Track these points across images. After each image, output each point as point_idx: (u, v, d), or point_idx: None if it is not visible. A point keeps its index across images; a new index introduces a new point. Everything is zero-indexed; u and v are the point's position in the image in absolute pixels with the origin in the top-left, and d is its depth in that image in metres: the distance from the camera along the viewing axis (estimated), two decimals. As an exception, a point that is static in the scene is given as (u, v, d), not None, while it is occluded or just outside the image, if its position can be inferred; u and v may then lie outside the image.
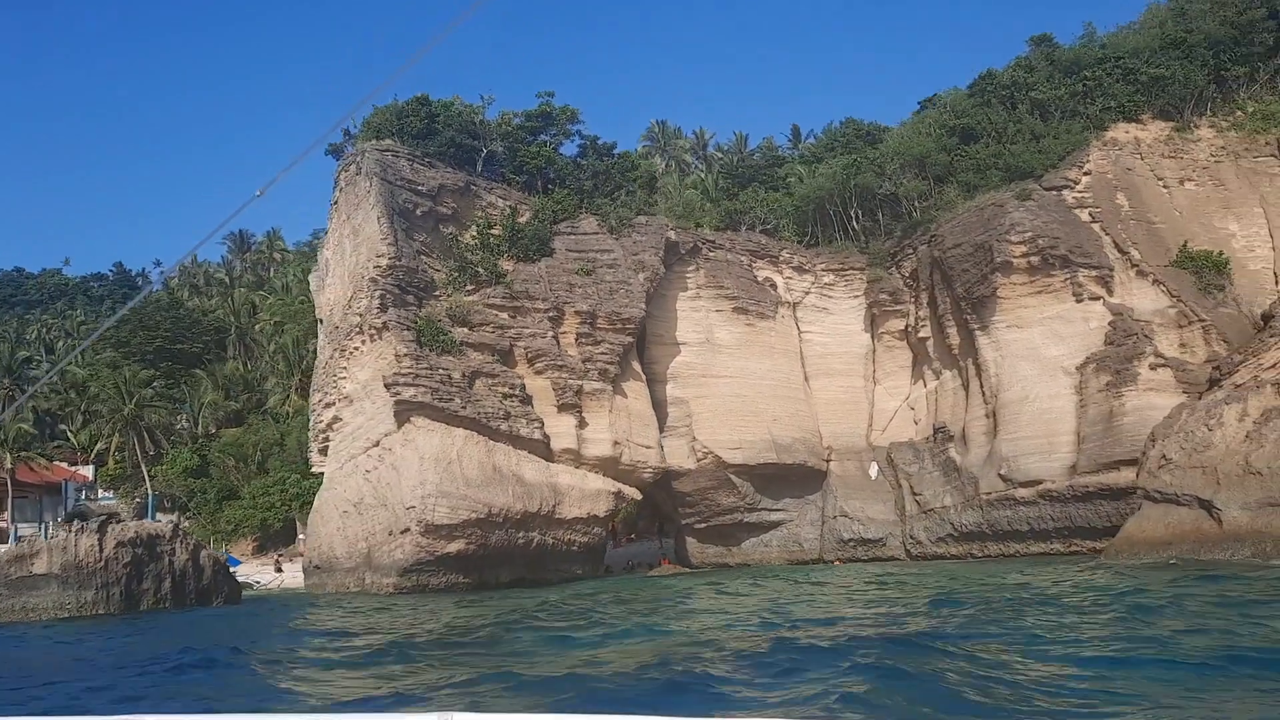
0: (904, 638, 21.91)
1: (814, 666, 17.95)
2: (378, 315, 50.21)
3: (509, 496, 49.08)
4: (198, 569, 45.02)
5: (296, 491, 79.74)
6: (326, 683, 20.62)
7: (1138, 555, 38.10)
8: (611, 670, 19.08)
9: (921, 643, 20.46)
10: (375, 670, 21.53)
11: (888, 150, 62.47)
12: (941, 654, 18.62)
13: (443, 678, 19.53)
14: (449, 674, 19.98)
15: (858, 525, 58.11)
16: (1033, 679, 16.31)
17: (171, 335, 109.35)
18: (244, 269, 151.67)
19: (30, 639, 34.21)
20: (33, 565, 40.83)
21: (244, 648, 26.58)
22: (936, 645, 19.76)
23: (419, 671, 21.04)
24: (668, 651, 21.51)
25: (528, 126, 60.62)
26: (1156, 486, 39.07)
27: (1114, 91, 57.13)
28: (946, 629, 23.15)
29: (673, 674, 18.02)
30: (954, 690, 15.44)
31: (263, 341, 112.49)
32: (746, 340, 60.13)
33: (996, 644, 19.72)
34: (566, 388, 52.71)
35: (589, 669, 19.24)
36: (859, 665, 17.41)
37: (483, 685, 18.16)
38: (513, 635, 27.24)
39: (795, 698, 15.76)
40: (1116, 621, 22.54)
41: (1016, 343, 53.52)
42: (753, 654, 20.68)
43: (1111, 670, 16.73)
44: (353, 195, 54.89)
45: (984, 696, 14.91)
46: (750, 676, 17.87)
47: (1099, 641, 19.87)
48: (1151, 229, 53.86)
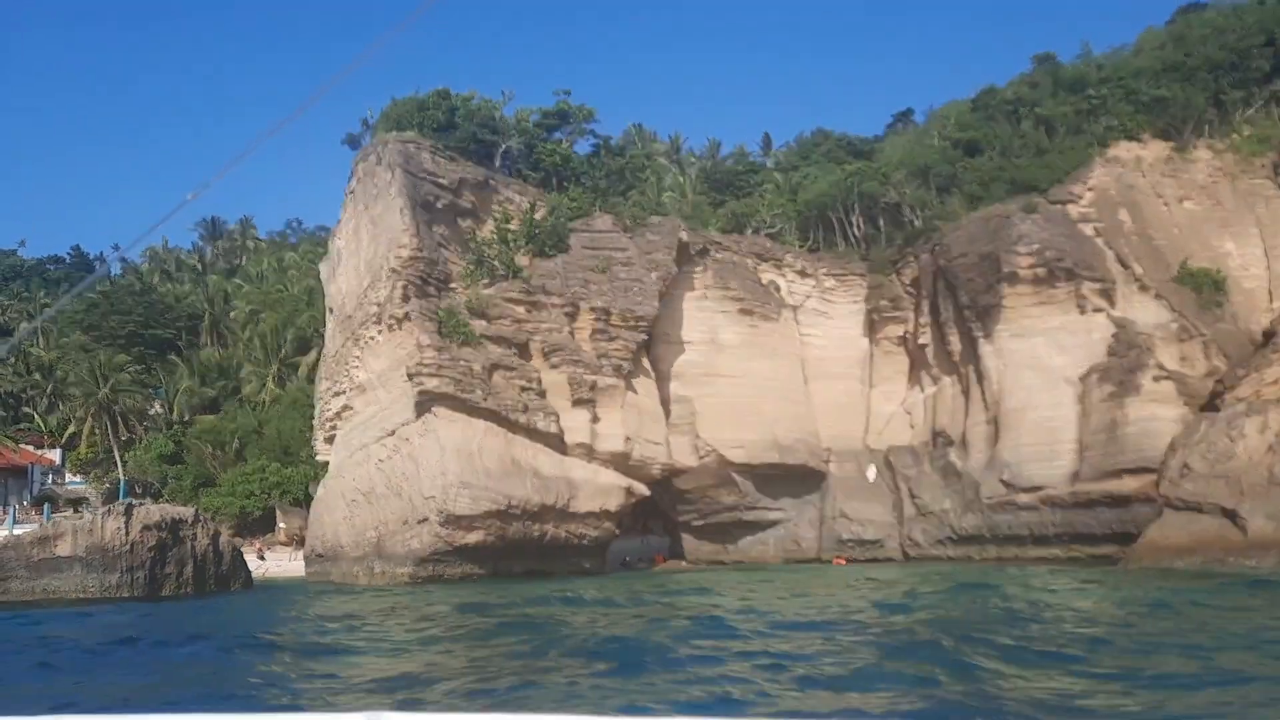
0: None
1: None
2: (400, 305, 50.36)
3: (527, 489, 49.48)
4: (217, 554, 44.88)
5: (277, 480, 79.27)
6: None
7: (1160, 561, 39.32)
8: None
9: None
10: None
11: (892, 159, 63.58)
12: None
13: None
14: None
15: (856, 526, 59.16)
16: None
17: (144, 320, 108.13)
18: (216, 256, 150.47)
19: (99, 617, 34.19)
20: (56, 547, 40.49)
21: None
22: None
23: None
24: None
25: (545, 124, 61.02)
26: (1179, 495, 40.39)
27: (1116, 111, 58.65)
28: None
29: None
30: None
31: (236, 329, 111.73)
32: (750, 341, 60.93)
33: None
34: (582, 382, 53.16)
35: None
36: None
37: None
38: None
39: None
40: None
41: (1019, 352, 54.75)
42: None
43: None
44: (371, 186, 54.99)
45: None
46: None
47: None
48: (1153, 245, 55.44)
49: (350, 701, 17.55)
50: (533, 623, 29.28)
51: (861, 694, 16.75)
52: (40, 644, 26.83)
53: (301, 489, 79.78)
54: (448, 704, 16.58)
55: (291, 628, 31.16)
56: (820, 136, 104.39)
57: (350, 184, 57.74)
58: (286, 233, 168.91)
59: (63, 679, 21.02)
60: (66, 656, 24.16)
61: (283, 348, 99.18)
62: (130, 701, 18.28)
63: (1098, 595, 31.02)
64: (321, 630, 29.78)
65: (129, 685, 20.37)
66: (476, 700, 16.80)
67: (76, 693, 19.49)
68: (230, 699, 17.87)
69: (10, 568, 40.60)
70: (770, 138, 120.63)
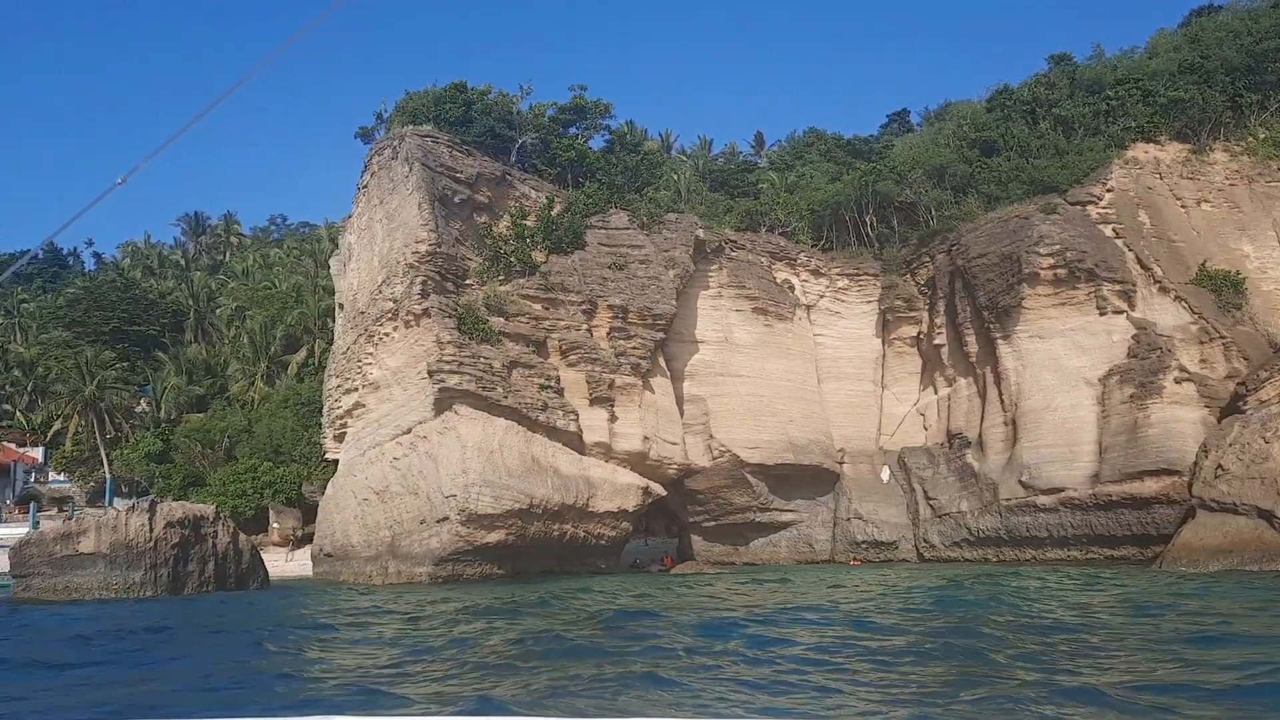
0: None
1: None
2: (418, 301, 49.63)
3: (548, 488, 48.89)
4: (237, 552, 44.21)
5: (269, 479, 78.33)
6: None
7: (1196, 562, 39.15)
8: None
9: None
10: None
11: (905, 159, 63.33)
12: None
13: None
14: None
15: (871, 527, 58.87)
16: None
17: (128, 317, 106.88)
18: (199, 251, 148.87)
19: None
20: (79, 544, 39.75)
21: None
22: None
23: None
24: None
25: (560, 119, 60.40)
26: (1213, 496, 40.25)
27: (1134, 112, 58.57)
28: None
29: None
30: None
31: (221, 326, 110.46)
32: (764, 341, 60.54)
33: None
34: (600, 381, 52.62)
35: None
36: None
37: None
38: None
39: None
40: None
41: (1038, 353, 54.60)
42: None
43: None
44: (387, 180, 54.23)
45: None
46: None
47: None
48: (1172, 247, 55.38)
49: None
50: (617, 616, 28.85)
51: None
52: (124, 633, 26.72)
53: (294, 488, 78.90)
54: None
55: (351, 618, 30.69)
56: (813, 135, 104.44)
57: (363, 178, 56.95)
58: (270, 229, 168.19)
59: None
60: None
61: (271, 346, 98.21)
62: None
63: (1203, 596, 30.33)
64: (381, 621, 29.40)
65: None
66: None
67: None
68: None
69: (33, 564, 39.93)
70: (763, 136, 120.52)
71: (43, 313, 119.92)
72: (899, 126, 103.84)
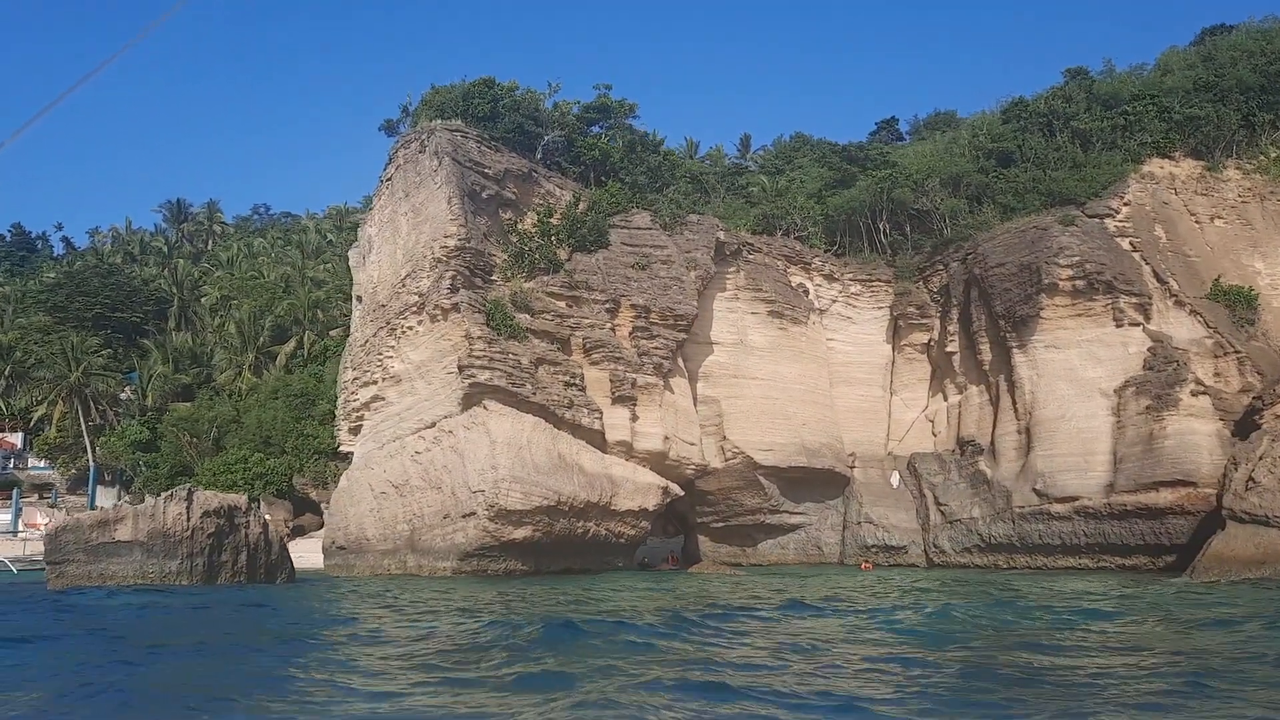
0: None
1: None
2: (447, 296, 49.53)
3: (574, 485, 48.94)
4: (267, 544, 43.99)
5: (260, 471, 77.94)
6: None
7: (1227, 573, 39.83)
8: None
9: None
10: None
11: (922, 166, 63.86)
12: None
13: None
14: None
15: (882, 532, 59.32)
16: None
17: (111, 303, 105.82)
18: (181, 239, 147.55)
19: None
20: (116, 532, 39.50)
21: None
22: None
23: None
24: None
25: (585, 118, 60.43)
26: (1244, 508, 40.93)
27: (1150, 128, 59.35)
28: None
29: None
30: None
31: (205, 315, 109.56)
32: (779, 344, 60.83)
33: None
34: (624, 380, 52.72)
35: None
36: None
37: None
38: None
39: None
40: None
41: (1054, 362, 55.18)
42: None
43: None
44: (414, 173, 54.06)
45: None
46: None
47: None
48: (1187, 261, 56.22)
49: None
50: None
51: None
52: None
53: (285, 480, 78.55)
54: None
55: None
56: (800, 140, 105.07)
57: (387, 170, 56.73)
58: (253, 218, 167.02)
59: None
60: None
61: (260, 336, 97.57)
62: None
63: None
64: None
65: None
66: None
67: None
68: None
69: (68, 551, 39.64)
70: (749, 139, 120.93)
71: (19, 297, 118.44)
72: (888, 134, 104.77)
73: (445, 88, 56.48)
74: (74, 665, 20.27)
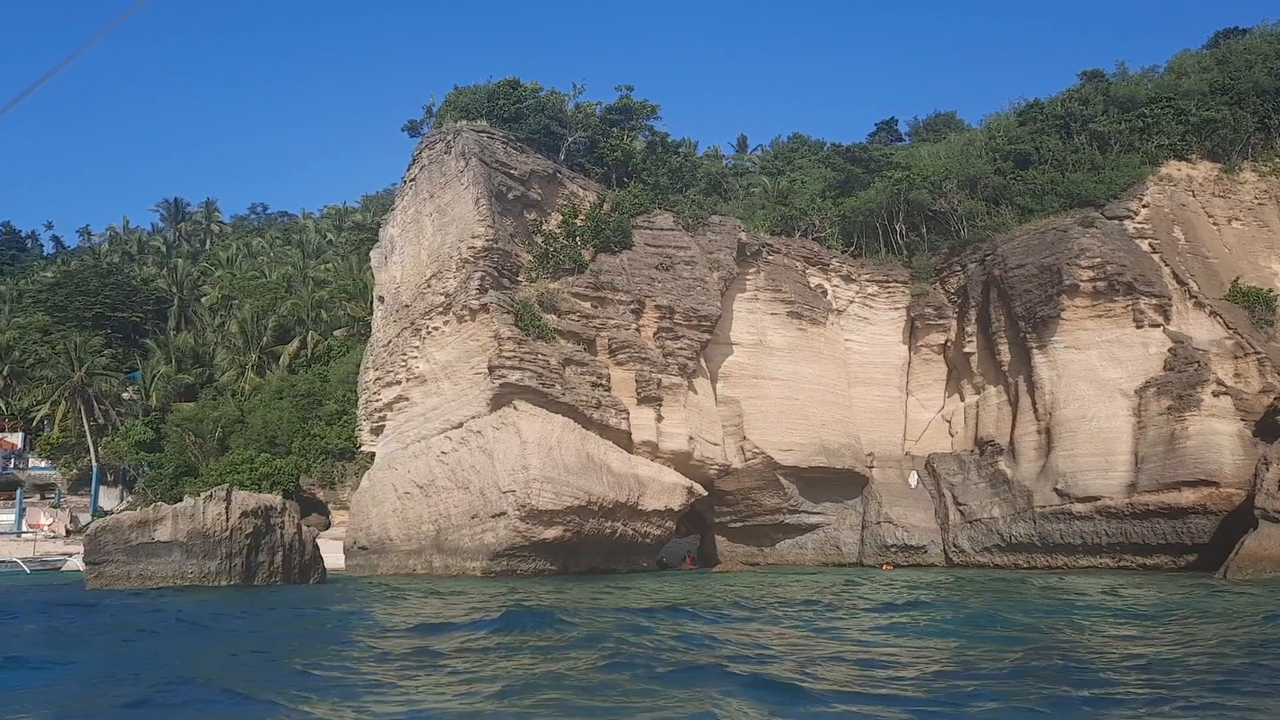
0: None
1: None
2: (476, 296, 49.59)
3: (604, 485, 49.08)
4: (301, 544, 44.04)
5: (267, 471, 77.82)
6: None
7: (1261, 571, 40.27)
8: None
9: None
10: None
11: (938, 168, 64.12)
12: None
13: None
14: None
15: (901, 532, 59.53)
16: None
17: (111, 302, 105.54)
18: (179, 238, 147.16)
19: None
20: (155, 532, 39.50)
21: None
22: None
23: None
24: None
25: (608, 119, 60.55)
26: (1277, 507, 41.31)
27: (1167, 130, 59.74)
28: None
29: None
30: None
31: (205, 315, 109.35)
32: (798, 345, 60.99)
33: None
34: (650, 380, 52.86)
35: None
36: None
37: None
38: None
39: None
40: None
41: (1074, 363, 55.45)
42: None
43: None
44: (439, 174, 54.11)
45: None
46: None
47: None
48: (1206, 263, 56.58)
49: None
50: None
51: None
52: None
53: (292, 480, 78.41)
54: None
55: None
56: (798, 141, 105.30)
57: (411, 171, 56.77)
58: (251, 217, 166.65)
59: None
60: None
61: (263, 336, 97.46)
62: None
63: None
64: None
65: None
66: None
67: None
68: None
69: (107, 551, 39.66)
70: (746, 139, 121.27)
71: (14, 296, 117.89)
72: (888, 135, 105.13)
73: (468, 89, 56.55)
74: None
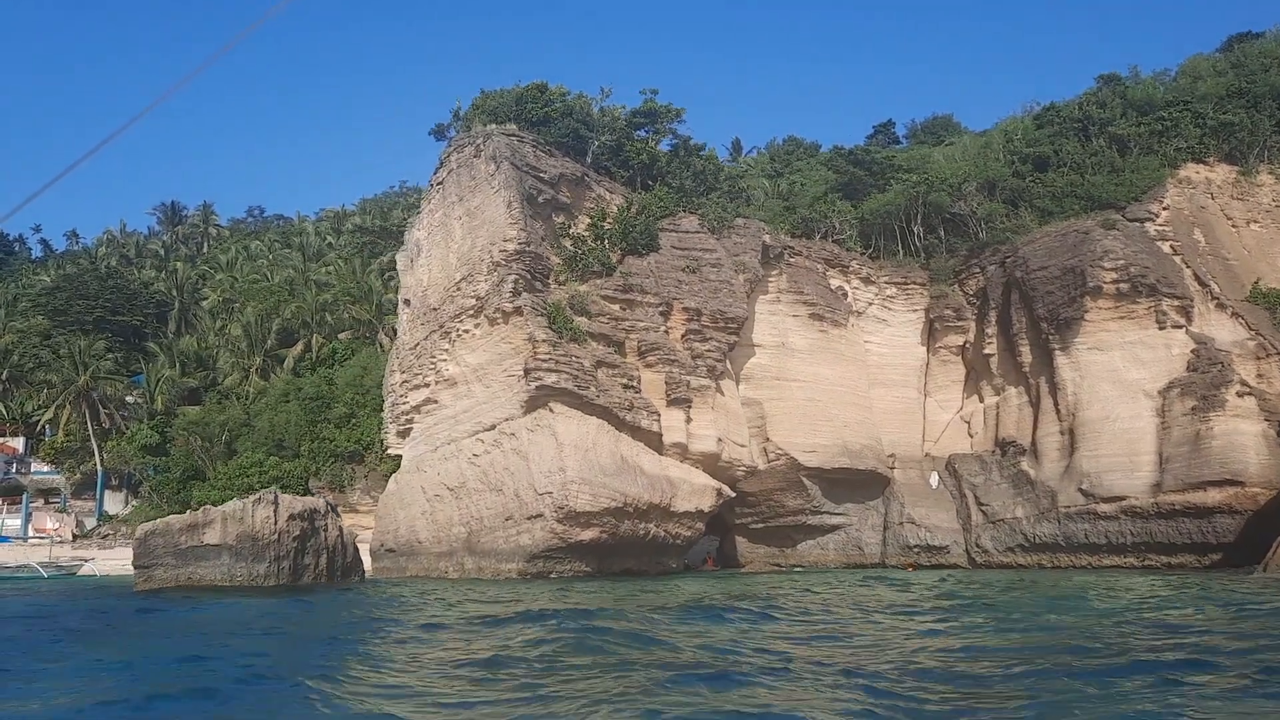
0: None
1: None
2: (510, 299, 49.80)
3: (638, 487, 49.33)
4: (343, 546, 44.18)
5: (276, 474, 77.66)
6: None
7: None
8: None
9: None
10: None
11: (957, 171, 64.63)
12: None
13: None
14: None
15: (924, 532, 59.94)
16: None
17: (111, 306, 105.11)
18: (176, 241, 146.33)
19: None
20: (204, 535, 39.58)
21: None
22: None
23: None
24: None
25: (633, 122, 60.83)
26: (1313, 505, 41.93)
27: (1185, 133, 60.41)
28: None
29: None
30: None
31: (205, 318, 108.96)
32: (819, 346, 61.38)
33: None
34: (679, 382, 53.16)
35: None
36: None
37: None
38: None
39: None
40: None
41: (1097, 364, 55.98)
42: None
43: None
44: (468, 177, 54.26)
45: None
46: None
47: None
48: (1226, 265, 57.26)
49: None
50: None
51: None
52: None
53: (301, 484, 78.25)
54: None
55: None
56: (793, 144, 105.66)
57: (439, 174, 56.92)
58: (248, 220, 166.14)
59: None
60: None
61: (267, 339, 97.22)
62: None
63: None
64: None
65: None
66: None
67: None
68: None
69: (157, 554, 39.74)
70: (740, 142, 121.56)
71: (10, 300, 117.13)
72: (885, 138, 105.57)
73: (495, 93, 56.78)
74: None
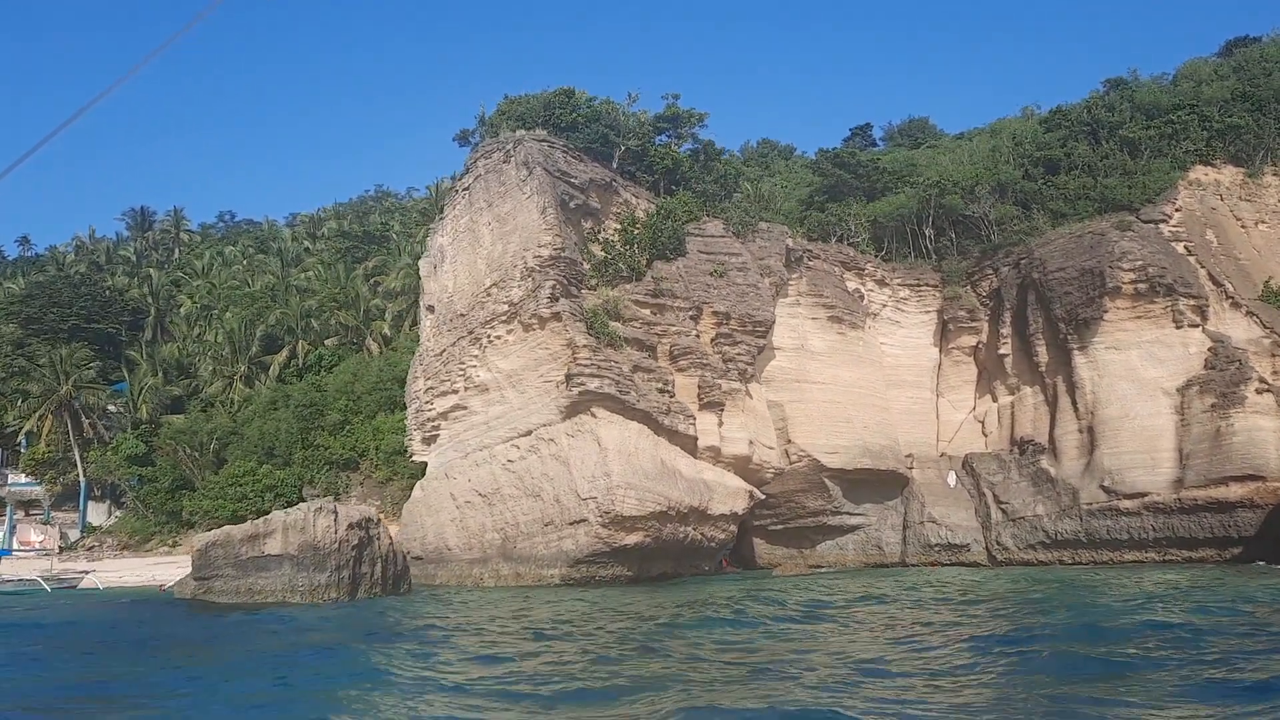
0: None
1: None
2: (547, 305, 49.76)
3: (679, 490, 49.53)
4: (394, 554, 43.96)
5: (270, 483, 77.01)
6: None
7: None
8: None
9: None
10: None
11: (968, 174, 65.42)
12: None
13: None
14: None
15: (945, 531, 60.55)
16: None
17: (87, 314, 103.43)
18: (147, 247, 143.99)
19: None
20: (265, 546, 39.23)
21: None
22: None
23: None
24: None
25: (658, 127, 61.01)
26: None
27: (1193, 136, 61.60)
28: None
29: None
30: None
31: (183, 325, 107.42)
32: (838, 348, 61.80)
33: None
34: (711, 386, 53.40)
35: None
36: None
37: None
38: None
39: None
40: None
41: (1115, 363, 56.94)
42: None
43: None
44: (496, 183, 54.12)
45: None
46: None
47: None
48: (1238, 264, 58.52)
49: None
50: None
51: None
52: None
53: (295, 491, 77.53)
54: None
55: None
56: (767, 146, 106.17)
57: (464, 180, 56.74)
58: (219, 225, 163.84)
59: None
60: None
61: (251, 346, 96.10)
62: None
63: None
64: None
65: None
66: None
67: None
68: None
69: (217, 566, 39.39)
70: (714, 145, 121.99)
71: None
72: (862, 140, 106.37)
73: (521, 98, 56.78)
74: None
